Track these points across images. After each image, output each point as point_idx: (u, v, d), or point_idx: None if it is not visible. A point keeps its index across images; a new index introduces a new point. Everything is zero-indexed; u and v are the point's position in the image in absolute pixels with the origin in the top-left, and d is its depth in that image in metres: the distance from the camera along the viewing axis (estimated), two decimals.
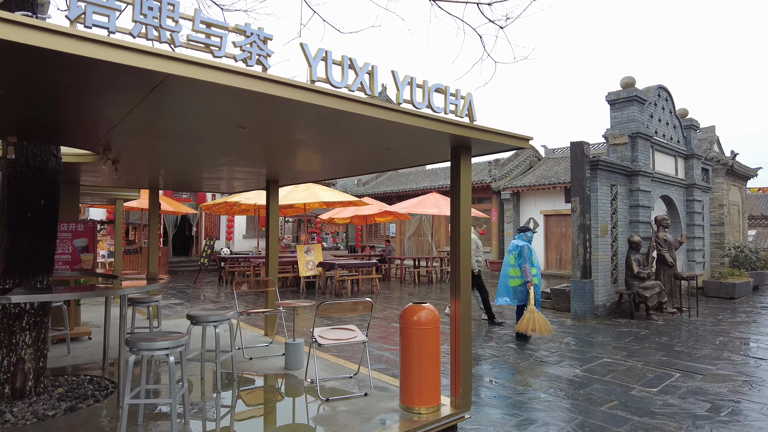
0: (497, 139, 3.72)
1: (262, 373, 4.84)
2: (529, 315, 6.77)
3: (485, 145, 3.85)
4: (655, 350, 6.46)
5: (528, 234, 7.33)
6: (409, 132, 3.34)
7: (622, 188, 9.55)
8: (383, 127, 3.17)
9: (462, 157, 3.85)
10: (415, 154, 4.25)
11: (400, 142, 3.80)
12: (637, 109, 9.81)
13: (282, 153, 4.21)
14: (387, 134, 3.46)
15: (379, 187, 25.01)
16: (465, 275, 3.82)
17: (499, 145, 3.87)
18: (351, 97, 2.70)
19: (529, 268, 7.00)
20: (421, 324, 3.76)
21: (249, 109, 2.82)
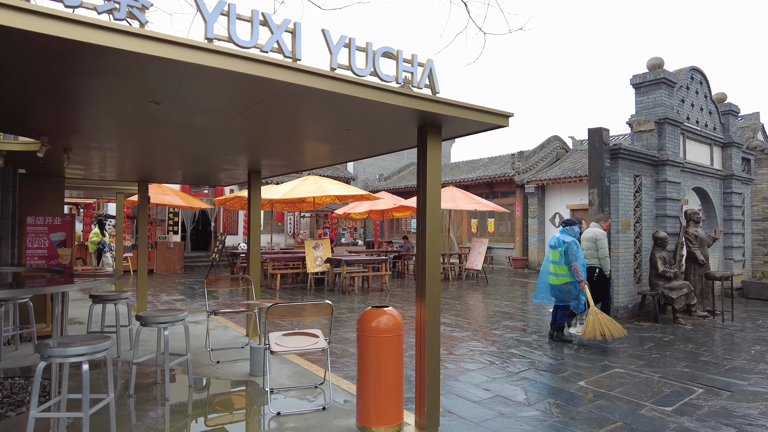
0: (472, 116, 3.18)
1: (223, 379, 4.44)
2: (593, 318, 6.19)
3: (458, 124, 3.31)
4: (677, 359, 5.74)
5: (574, 228, 6.66)
6: (361, 108, 2.84)
7: (647, 179, 8.72)
8: (321, 100, 2.68)
9: (429, 137, 3.31)
10: (378, 135, 3.73)
11: (356, 121, 3.29)
12: (665, 93, 8.94)
13: (227, 136, 3.76)
14: (334, 110, 2.96)
15: (401, 182, 24.48)
16: (433, 275, 3.28)
17: (475, 124, 3.32)
18: (257, 58, 2.21)
19: (580, 267, 6.37)
20: (380, 331, 3.26)
21: (155, 78, 2.38)
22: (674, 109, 9.21)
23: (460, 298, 10.50)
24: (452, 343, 6.35)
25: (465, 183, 20.28)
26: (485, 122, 3.26)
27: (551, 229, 17.68)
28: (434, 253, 3.29)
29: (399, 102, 2.79)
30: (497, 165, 20.59)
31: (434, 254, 3.29)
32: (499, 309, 9.16)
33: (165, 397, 3.85)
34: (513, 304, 9.68)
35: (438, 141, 3.35)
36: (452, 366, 5.34)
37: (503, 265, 19.00)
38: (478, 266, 13.69)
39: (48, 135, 3.69)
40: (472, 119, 3.19)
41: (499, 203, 19.32)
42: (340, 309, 8.93)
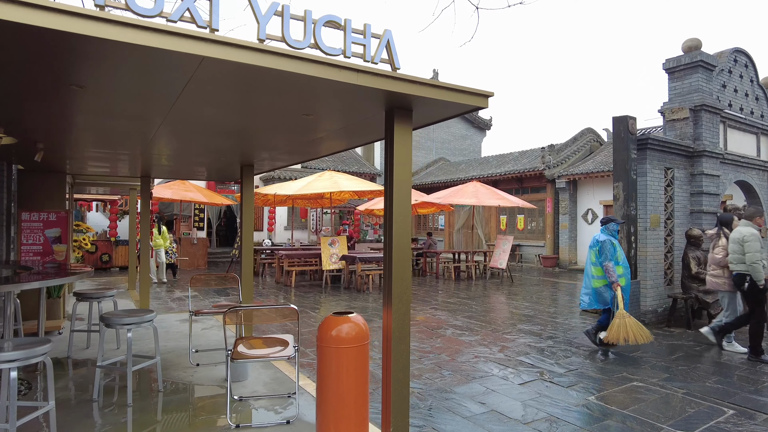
0: (446, 96, 2.78)
1: (196, 384, 4.19)
2: (619, 321, 5.74)
3: (431, 106, 2.90)
4: (708, 373, 5.12)
5: (611, 226, 6.19)
6: (311, 88, 2.49)
7: (680, 172, 7.98)
8: (257, 79, 2.34)
9: (398, 122, 2.92)
10: (347, 122, 3.35)
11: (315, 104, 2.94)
12: (702, 77, 8.15)
13: (175, 126, 3.47)
14: (279, 91, 2.62)
15: (428, 178, 23.99)
16: (401, 277, 2.90)
17: (449, 106, 2.91)
18: (161, 28, 1.89)
19: (613, 266, 5.93)
20: (341, 341, 2.90)
21: (69, 59, 2.10)
22: (713, 95, 8.40)
23: (478, 298, 10.00)
24: (457, 349, 5.93)
25: (493, 178, 19.61)
26: (461, 103, 2.84)
27: (583, 226, 16.82)
28: (402, 252, 2.90)
29: (354, 80, 2.42)
30: (527, 159, 19.80)
31: (402, 254, 2.90)
32: (518, 311, 8.63)
33: (127, 402, 3.63)
34: (535, 306, 9.12)
35: (408, 126, 2.95)
36: (450, 375, 4.92)
37: (533, 264, 18.26)
38: (503, 265, 13.10)
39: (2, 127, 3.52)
40: (447, 100, 2.78)
41: (528, 199, 18.57)
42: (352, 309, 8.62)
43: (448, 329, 7.00)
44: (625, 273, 6.10)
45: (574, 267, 16.64)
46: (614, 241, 6.09)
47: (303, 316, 7.91)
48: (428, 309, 8.66)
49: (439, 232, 23.48)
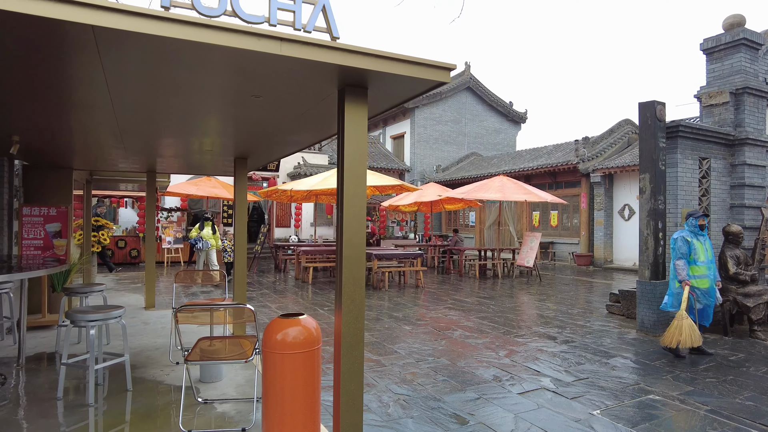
0: (404, 70, 2.46)
1: (167, 383, 4.02)
2: (677, 323, 5.45)
3: (389, 83, 2.58)
4: (741, 387, 4.53)
5: (690, 221, 5.78)
6: (242, 63, 2.22)
7: (718, 162, 7.25)
8: (175, 53, 2.09)
9: (349, 102, 2.60)
10: (299, 105, 3.05)
11: (256, 84, 2.66)
12: (745, 57, 7.37)
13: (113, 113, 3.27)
14: (201, 66, 2.36)
15: (458, 173, 23.41)
16: (353, 277, 2.59)
17: (409, 82, 2.58)
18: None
19: (684, 265, 5.60)
20: (287, 346, 2.63)
21: None
22: (759, 77, 7.59)
23: (498, 298, 9.52)
24: (461, 352, 5.54)
25: (525, 173, 18.89)
26: (422, 78, 2.50)
27: (620, 222, 15.90)
28: (354, 248, 2.59)
29: (292, 52, 2.14)
30: (561, 153, 18.94)
31: (354, 250, 2.58)
32: (538, 312, 8.12)
33: (88, 402, 3.49)
34: (558, 307, 8.57)
35: (361, 106, 2.63)
36: (444, 381, 4.56)
37: (566, 262, 17.45)
38: (530, 263, 12.50)
39: None
40: (405, 75, 2.45)
41: (562, 194, 17.78)
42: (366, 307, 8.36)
43: (456, 330, 6.61)
44: (709, 274, 5.62)
45: (609, 266, 15.76)
46: (691, 238, 5.66)
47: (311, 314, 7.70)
48: (441, 308, 8.28)
49: (470, 229, 22.90)
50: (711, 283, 5.69)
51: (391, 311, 7.94)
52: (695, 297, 5.67)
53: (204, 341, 3.53)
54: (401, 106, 3.73)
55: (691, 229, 5.75)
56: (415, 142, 25.20)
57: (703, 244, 5.73)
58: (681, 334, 5.35)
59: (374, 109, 3.00)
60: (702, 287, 5.65)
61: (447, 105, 26.05)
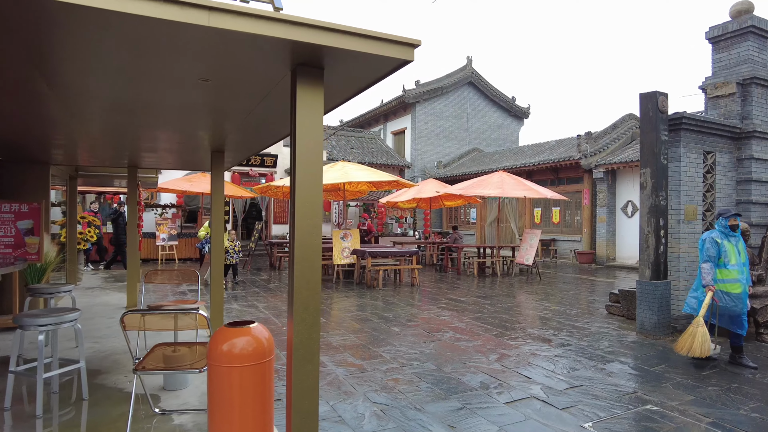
0: (364, 47, 2.19)
1: (126, 391, 3.76)
2: (692, 330, 5.06)
3: (347, 61, 2.29)
4: (746, 397, 4.23)
5: (720, 222, 5.32)
6: (173, 38, 1.94)
7: (723, 156, 6.91)
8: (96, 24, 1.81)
9: (301, 83, 2.31)
10: (251, 88, 2.75)
11: (198, 65, 2.38)
12: (754, 46, 7.02)
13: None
14: (137, 44, 2.07)
15: (459, 169, 23.08)
16: (307, 281, 2.30)
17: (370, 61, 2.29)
18: None
19: (710, 268, 5.14)
20: (233, 358, 2.35)
21: None
22: (767, 67, 7.23)
23: (495, 297, 9.22)
24: (449, 356, 5.26)
25: (527, 168, 18.55)
26: (383, 56, 2.21)
27: (623, 219, 15.54)
28: (308, 249, 2.30)
29: (222, 24, 1.86)
30: (564, 148, 18.57)
31: (308, 251, 2.30)
32: (534, 312, 7.82)
33: (36, 413, 3.23)
34: (556, 307, 8.27)
35: (317, 91, 2.34)
36: (428, 388, 4.28)
37: (568, 260, 17.11)
38: (529, 261, 12.18)
39: None
40: (364, 51, 2.16)
41: (564, 190, 17.44)
42: (356, 306, 8.08)
43: (447, 332, 6.33)
44: (741, 278, 5.15)
45: (612, 264, 15.42)
46: (721, 239, 5.21)
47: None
48: (434, 308, 7.99)
49: (471, 226, 22.57)
50: (744, 288, 5.15)
51: (382, 311, 7.66)
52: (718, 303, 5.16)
53: (163, 348, 3.26)
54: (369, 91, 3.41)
55: (721, 230, 5.26)
56: (415, 137, 24.88)
57: (735, 245, 5.23)
58: (693, 341, 4.98)
59: (335, 95, 2.71)
60: (734, 292, 5.14)
61: (448, 100, 25.69)
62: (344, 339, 5.90)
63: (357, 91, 2.65)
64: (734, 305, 5.13)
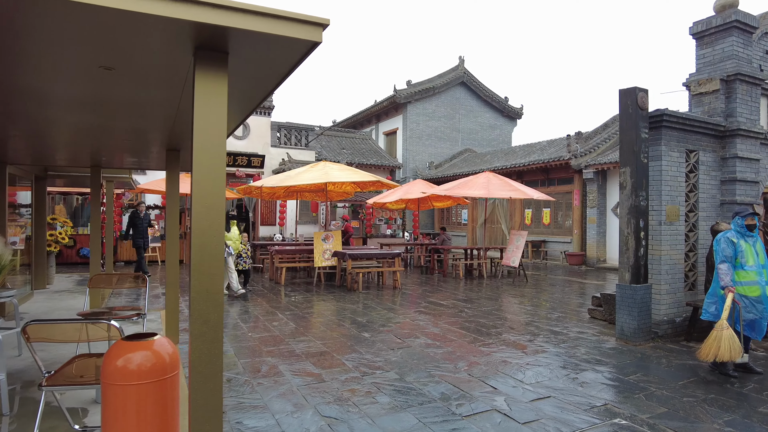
0: (269, 27, 1.93)
1: (52, 405, 3.49)
2: (716, 334, 4.72)
3: (253, 43, 2.05)
4: (722, 408, 3.98)
5: (736, 221, 5.02)
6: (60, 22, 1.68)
7: (707, 155, 6.67)
8: None
9: (202, 69, 2.06)
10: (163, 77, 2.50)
11: (102, 50, 2.12)
12: (738, 42, 6.79)
13: None
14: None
15: (451, 170, 22.83)
16: (206, 291, 2.05)
17: (277, 42, 2.04)
18: None
19: (728, 269, 4.84)
20: (129, 376, 2.10)
21: None
22: (752, 63, 7.01)
23: (477, 300, 8.97)
24: (415, 364, 5.00)
25: (518, 169, 18.32)
26: (291, 38, 1.96)
27: (613, 220, 15.31)
28: (209, 258, 2.04)
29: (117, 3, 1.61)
30: (555, 148, 18.34)
31: (209, 260, 2.05)
32: (514, 316, 7.57)
33: None
34: (537, 311, 8.02)
35: (220, 78, 2.09)
36: (386, 400, 4.02)
37: (558, 261, 16.87)
38: (515, 263, 11.93)
39: None
40: (271, 33, 1.92)
41: (555, 191, 17.24)
42: (332, 310, 7.82)
43: (419, 338, 6.07)
44: (760, 280, 4.85)
45: (602, 265, 15.18)
46: (737, 239, 4.93)
47: (271, 320, 7.19)
48: (411, 312, 7.74)
49: (462, 227, 22.33)
50: (763, 290, 4.85)
51: (357, 315, 7.40)
52: (740, 306, 4.86)
53: (83, 359, 3.00)
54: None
55: (737, 229, 4.98)
56: (407, 138, 24.63)
57: (753, 246, 4.94)
58: (719, 346, 4.62)
59: (250, 86, 2.47)
60: (752, 295, 4.84)
61: (440, 100, 25.46)
62: (309, 346, 5.64)
63: (272, 81, 2.41)
64: (754, 309, 4.84)
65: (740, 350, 4.64)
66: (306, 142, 20.11)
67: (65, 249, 13.81)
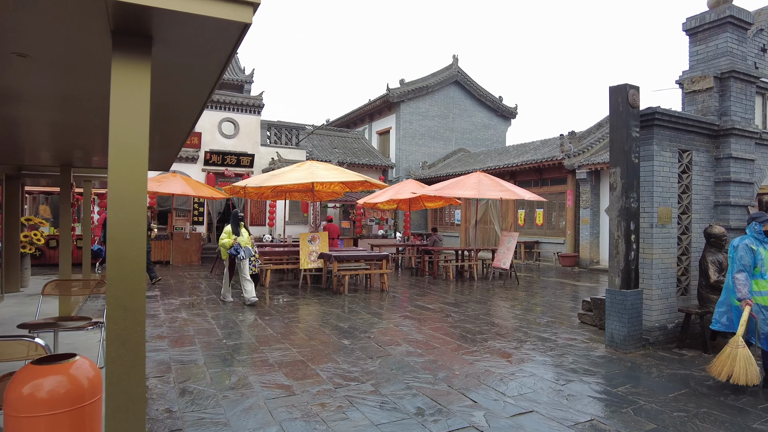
0: (190, 7, 1.63)
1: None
2: (730, 351, 4.38)
3: (173, 24, 1.77)
4: (714, 424, 3.75)
5: (753, 227, 4.70)
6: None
7: (700, 155, 6.45)
8: None
9: (120, 55, 1.79)
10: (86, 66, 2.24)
11: (13, 33, 1.86)
12: (732, 38, 6.57)
13: None
14: None
15: (444, 169, 22.60)
16: (123, 307, 1.78)
17: (202, 24, 1.77)
18: None
19: (746, 279, 4.51)
20: (38, 405, 1.83)
21: None
22: (747, 60, 6.79)
23: (465, 304, 8.73)
24: (392, 375, 4.75)
25: (511, 169, 18.10)
26: (219, 19, 1.70)
27: (606, 221, 15.09)
28: (129, 267, 1.78)
29: None
30: (548, 148, 18.14)
31: (128, 269, 1.78)
32: (502, 321, 7.33)
33: None
34: (526, 316, 7.79)
35: (141, 66, 1.83)
36: (355, 414, 3.77)
37: (551, 263, 16.66)
38: (506, 264, 11.70)
39: None
40: (197, 14, 1.65)
41: (548, 191, 17.04)
42: (314, 315, 7.55)
43: (401, 345, 5.82)
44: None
45: (595, 267, 14.98)
46: (756, 246, 4.59)
47: (248, 325, 6.92)
48: (396, 317, 7.49)
49: (455, 228, 22.11)
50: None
51: (339, 321, 7.15)
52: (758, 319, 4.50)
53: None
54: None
55: (755, 236, 4.64)
56: (400, 137, 24.39)
57: None
58: (733, 366, 4.28)
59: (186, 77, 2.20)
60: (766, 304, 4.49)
61: (434, 99, 25.23)
62: (284, 355, 5.38)
63: (209, 72, 2.14)
64: None
65: (758, 374, 4.30)
66: (297, 141, 19.84)
67: (48, 250, 13.51)
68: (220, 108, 18.20)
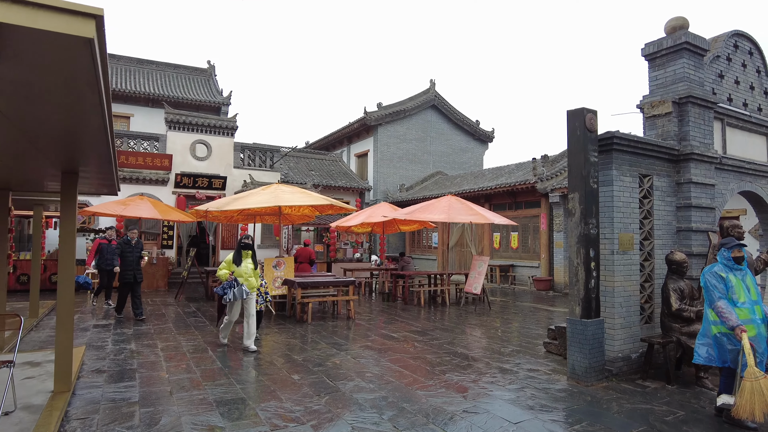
0: (25, 19, 1.38)
1: None
2: (751, 385, 3.93)
3: (12, 41, 1.51)
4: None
5: (723, 253, 4.53)
6: None
7: (662, 180, 6.37)
8: None
9: None
10: None
11: None
12: (689, 64, 6.58)
13: None
14: None
15: (422, 192, 22.51)
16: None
17: (39, 38, 1.52)
18: None
19: (726, 306, 4.27)
20: None
21: None
22: (704, 86, 6.80)
23: (431, 332, 8.44)
24: (336, 414, 4.42)
25: (486, 192, 18.06)
26: (55, 32, 1.46)
27: None
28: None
29: None
30: (522, 172, 18.18)
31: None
32: (465, 351, 7.05)
33: None
34: (491, 344, 7.53)
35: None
36: None
37: (526, 286, 16.51)
38: (477, 289, 11.49)
39: None
40: (26, 26, 1.41)
41: (523, 215, 17.00)
42: (270, 346, 7.17)
43: (353, 380, 5.50)
44: (755, 318, 4.28)
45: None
46: (725, 273, 4.41)
47: (196, 357, 6.53)
48: (356, 347, 7.16)
49: (432, 251, 21.92)
50: (759, 329, 4.28)
51: (294, 352, 6.80)
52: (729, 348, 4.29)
53: None
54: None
55: (724, 262, 4.49)
56: (378, 160, 24.32)
57: (743, 280, 4.42)
58: (764, 399, 3.86)
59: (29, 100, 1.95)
60: (756, 332, 4.28)
61: (411, 123, 25.32)
62: (226, 391, 5.02)
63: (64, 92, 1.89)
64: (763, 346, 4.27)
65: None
66: (271, 163, 19.59)
67: None
68: (192, 130, 17.91)
